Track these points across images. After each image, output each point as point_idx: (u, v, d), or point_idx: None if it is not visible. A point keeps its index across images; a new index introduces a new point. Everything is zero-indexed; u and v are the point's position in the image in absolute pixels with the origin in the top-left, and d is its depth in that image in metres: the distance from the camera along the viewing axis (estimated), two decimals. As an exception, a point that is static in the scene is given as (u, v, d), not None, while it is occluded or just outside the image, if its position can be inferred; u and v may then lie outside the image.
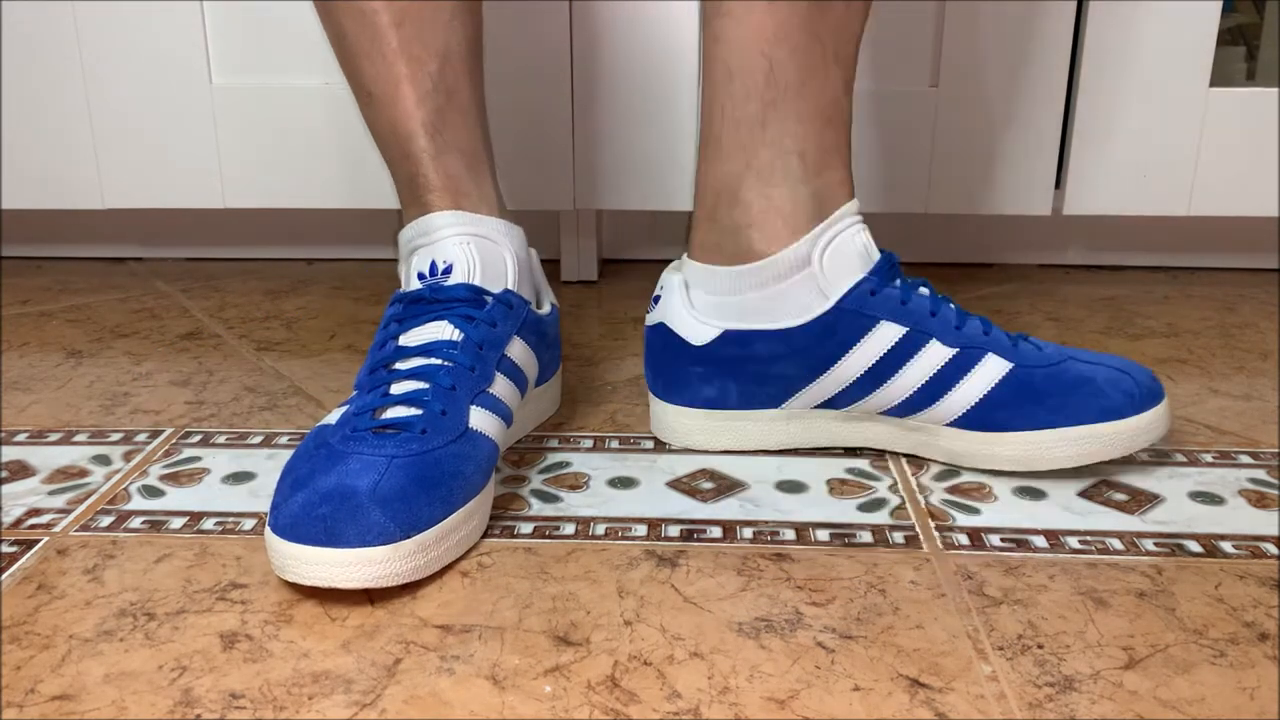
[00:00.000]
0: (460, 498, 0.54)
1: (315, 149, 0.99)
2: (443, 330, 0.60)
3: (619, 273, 1.09)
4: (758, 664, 0.47)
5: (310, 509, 0.50)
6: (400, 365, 0.59)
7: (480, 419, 0.58)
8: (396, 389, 0.57)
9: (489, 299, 0.62)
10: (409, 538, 0.51)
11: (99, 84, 0.98)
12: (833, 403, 0.65)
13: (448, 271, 0.62)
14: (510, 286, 0.63)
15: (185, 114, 0.99)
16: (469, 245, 0.62)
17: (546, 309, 0.69)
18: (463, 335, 0.60)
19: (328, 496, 0.51)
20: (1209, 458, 0.67)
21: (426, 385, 0.57)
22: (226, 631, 0.49)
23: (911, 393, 0.63)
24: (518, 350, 0.63)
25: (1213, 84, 0.95)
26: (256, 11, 0.96)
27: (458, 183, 0.65)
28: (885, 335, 0.62)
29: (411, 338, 0.60)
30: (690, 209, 0.68)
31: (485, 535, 0.57)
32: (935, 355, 0.62)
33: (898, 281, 0.63)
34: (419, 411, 0.56)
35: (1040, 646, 0.48)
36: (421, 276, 0.62)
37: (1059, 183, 0.99)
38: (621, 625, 0.50)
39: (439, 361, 0.59)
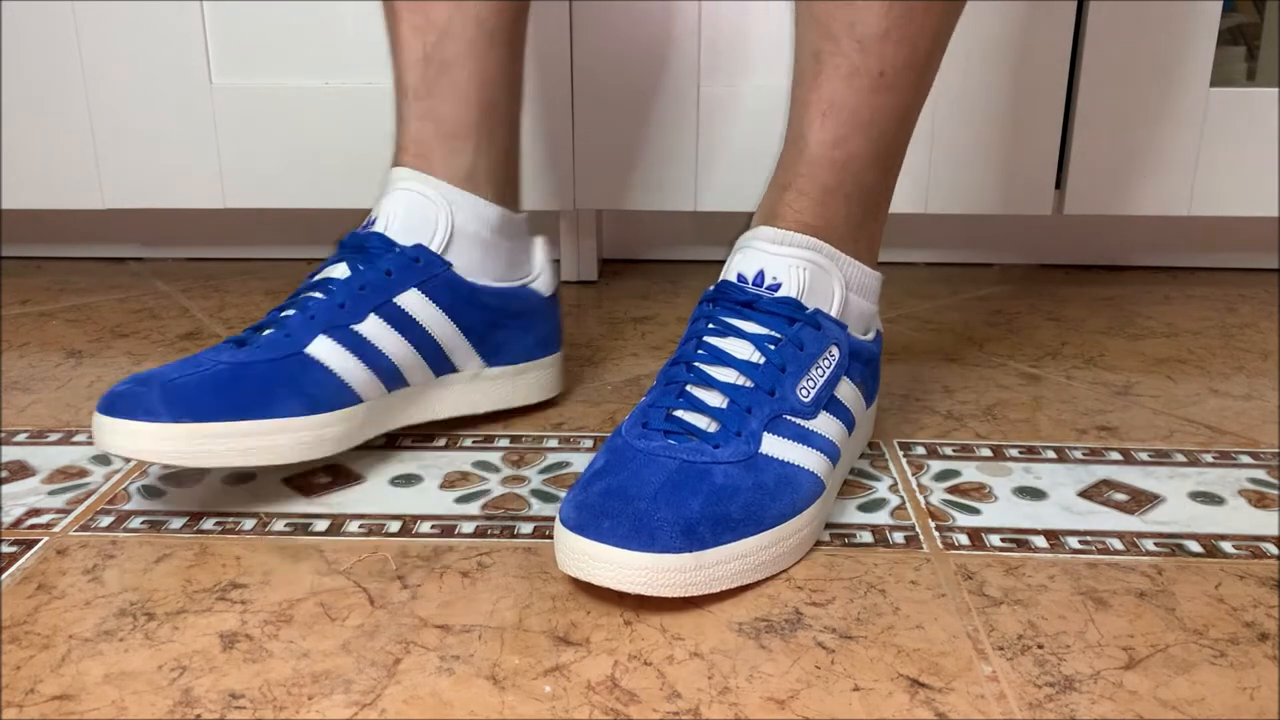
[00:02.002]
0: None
1: (315, 149, 0.99)
2: (337, 270, 0.65)
3: (619, 273, 1.09)
4: (758, 664, 0.47)
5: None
6: (309, 294, 0.64)
7: (327, 350, 0.61)
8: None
9: (396, 249, 0.65)
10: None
11: (99, 84, 0.98)
12: None
13: (371, 223, 0.67)
14: (430, 245, 0.65)
15: (185, 114, 0.99)
16: (395, 198, 0.66)
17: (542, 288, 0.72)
18: (349, 274, 0.64)
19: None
20: (1209, 458, 0.67)
21: (322, 297, 0.63)
22: (226, 631, 0.49)
23: None
24: (413, 302, 0.64)
25: (1213, 84, 0.95)
26: (256, 11, 0.96)
27: (423, 148, 0.68)
28: None
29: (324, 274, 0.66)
30: (689, 209, 0.68)
31: (484, 535, 0.57)
32: None
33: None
34: None
35: (1040, 646, 0.48)
36: (367, 224, 0.67)
37: (1059, 183, 0.99)
38: (621, 625, 0.50)
39: (320, 295, 0.63)
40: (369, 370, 0.62)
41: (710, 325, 0.58)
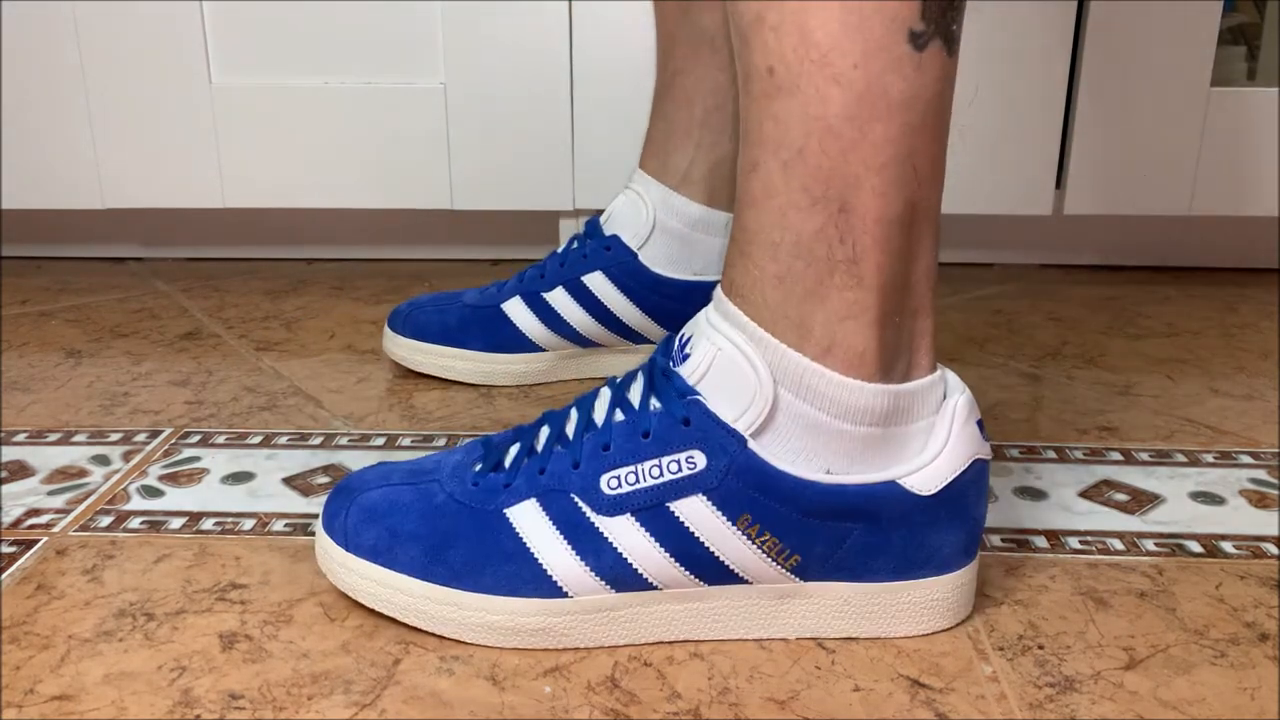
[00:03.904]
0: None
1: (315, 149, 0.99)
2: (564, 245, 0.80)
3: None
4: (758, 664, 0.47)
5: None
6: None
7: (516, 309, 0.78)
8: None
9: (596, 238, 0.77)
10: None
11: (99, 84, 0.98)
12: None
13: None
14: (631, 237, 0.75)
15: (185, 114, 0.99)
16: (621, 195, 0.77)
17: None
18: (561, 250, 0.78)
19: None
20: (1209, 458, 0.67)
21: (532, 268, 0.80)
22: (226, 632, 0.49)
23: None
24: (597, 281, 0.75)
25: (1213, 84, 0.94)
26: (256, 11, 0.96)
27: (655, 147, 0.76)
28: None
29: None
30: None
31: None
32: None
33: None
34: None
35: (1041, 647, 0.48)
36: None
37: (1059, 183, 0.99)
38: (621, 625, 0.49)
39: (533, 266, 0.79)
40: (546, 328, 0.76)
41: (627, 378, 0.51)
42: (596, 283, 0.75)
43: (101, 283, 1.03)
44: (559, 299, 0.76)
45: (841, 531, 0.46)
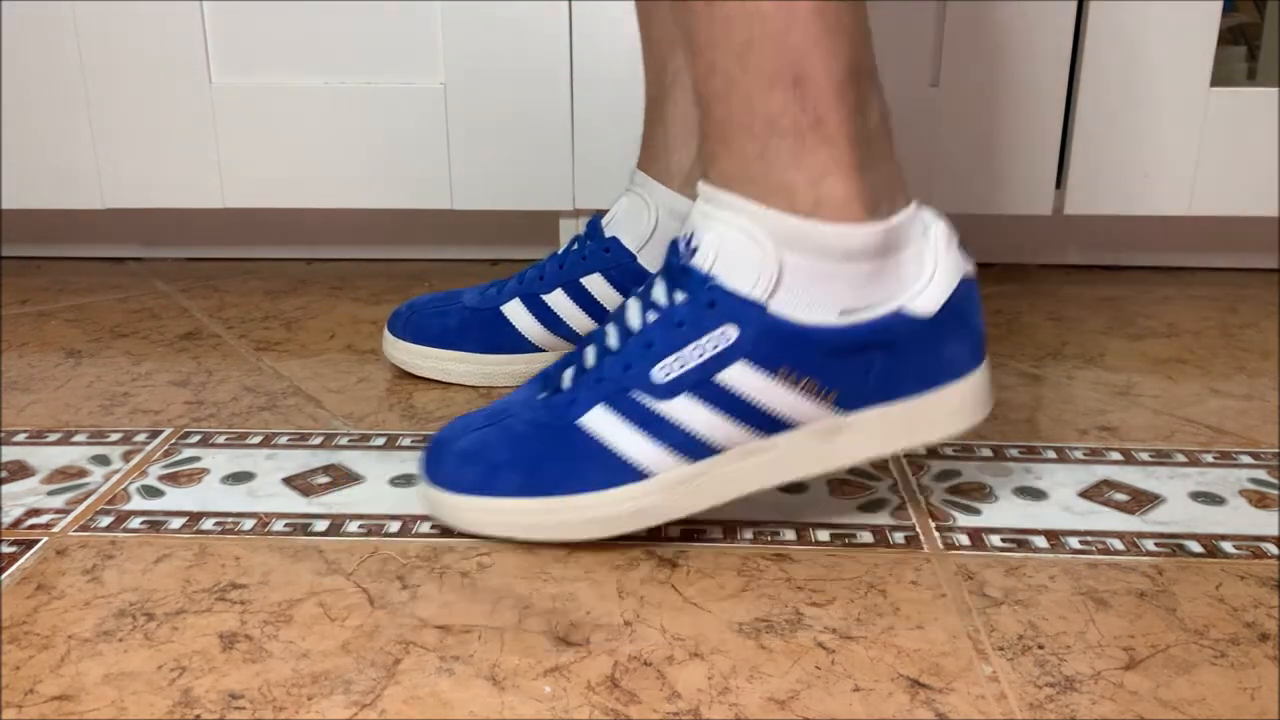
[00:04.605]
0: None
1: (315, 149, 0.99)
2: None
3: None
4: (758, 664, 0.47)
5: None
6: None
7: (516, 311, 0.77)
8: None
9: (596, 240, 0.77)
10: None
11: (99, 84, 0.98)
12: None
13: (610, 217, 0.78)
14: (630, 238, 0.75)
15: (185, 114, 0.99)
16: (624, 196, 0.77)
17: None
18: (559, 253, 0.79)
19: None
20: (1209, 458, 0.67)
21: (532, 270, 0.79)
22: (226, 632, 0.49)
23: None
24: (594, 283, 0.75)
25: (1213, 84, 0.95)
26: (256, 11, 0.96)
27: (652, 148, 0.76)
28: None
29: None
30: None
31: (484, 535, 0.57)
32: None
33: None
34: None
35: (1041, 647, 0.48)
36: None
37: (1059, 183, 0.99)
38: (621, 625, 0.50)
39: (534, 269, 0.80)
40: (546, 329, 0.76)
41: (647, 285, 0.57)
42: (595, 285, 0.75)
43: (101, 283, 1.03)
44: (558, 301, 0.76)
45: (865, 362, 0.53)
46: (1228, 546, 0.56)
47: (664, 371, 0.53)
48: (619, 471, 0.54)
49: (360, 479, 0.64)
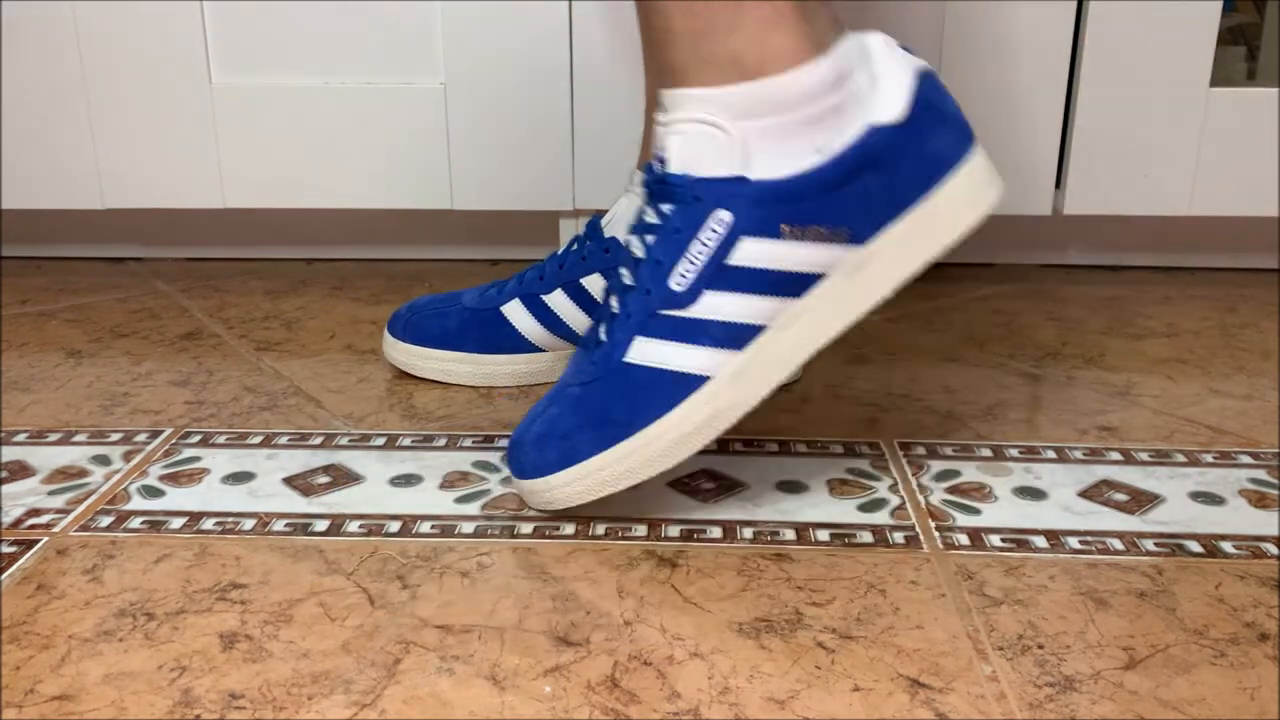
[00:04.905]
0: None
1: (315, 149, 0.99)
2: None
3: (619, 273, 1.08)
4: (758, 664, 0.47)
5: None
6: None
7: (515, 311, 0.78)
8: None
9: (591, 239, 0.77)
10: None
11: (99, 84, 0.98)
12: None
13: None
14: (621, 238, 0.74)
15: (185, 114, 0.99)
16: (624, 199, 0.76)
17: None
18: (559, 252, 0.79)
19: None
20: (1209, 458, 0.67)
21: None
22: (226, 631, 0.49)
23: None
24: (596, 284, 0.75)
25: (1213, 84, 0.95)
26: (256, 11, 0.96)
27: (651, 149, 0.73)
28: None
29: None
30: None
31: (484, 535, 0.57)
32: None
33: None
34: None
35: (1041, 647, 0.48)
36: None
37: (1059, 183, 0.99)
38: (621, 625, 0.50)
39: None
40: (546, 330, 0.76)
41: (639, 216, 0.58)
42: (595, 285, 0.75)
43: (101, 283, 1.03)
44: (558, 301, 0.76)
45: (860, 188, 0.53)
46: (1227, 546, 0.56)
47: (679, 280, 0.54)
48: (679, 387, 0.55)
49: (360, 479, 0.64)
